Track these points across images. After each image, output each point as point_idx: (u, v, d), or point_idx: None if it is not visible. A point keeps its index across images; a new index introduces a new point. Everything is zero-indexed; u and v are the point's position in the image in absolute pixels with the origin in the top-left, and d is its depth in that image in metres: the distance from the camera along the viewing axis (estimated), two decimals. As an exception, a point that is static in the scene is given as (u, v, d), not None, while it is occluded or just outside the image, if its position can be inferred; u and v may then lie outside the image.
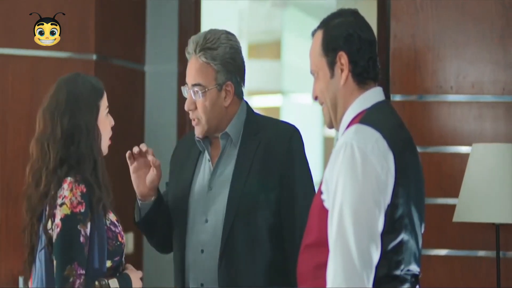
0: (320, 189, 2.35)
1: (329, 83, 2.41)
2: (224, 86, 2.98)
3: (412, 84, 4.16)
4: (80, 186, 2.66)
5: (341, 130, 2.41)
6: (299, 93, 11.58)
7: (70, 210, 2.64)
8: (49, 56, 4.39)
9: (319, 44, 2.43)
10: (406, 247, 2.30)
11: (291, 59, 11.25)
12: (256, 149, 2.96)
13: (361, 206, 2.22)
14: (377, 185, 2.23)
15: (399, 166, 2.27)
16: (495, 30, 4.08)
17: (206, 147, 3.05)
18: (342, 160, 2.26)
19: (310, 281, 2.34)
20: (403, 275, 2.30)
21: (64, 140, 2.72)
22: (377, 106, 2.39)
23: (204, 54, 2.96)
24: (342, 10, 2.47)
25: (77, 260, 2.61)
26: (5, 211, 4.30)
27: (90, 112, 2.75)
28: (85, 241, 2.64)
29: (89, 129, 2.73)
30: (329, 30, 2.42)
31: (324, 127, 11.21)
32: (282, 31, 11.69)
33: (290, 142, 2.97)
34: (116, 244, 2.73)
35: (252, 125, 3.01)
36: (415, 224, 2.33)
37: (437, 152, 4.11)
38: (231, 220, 2.92)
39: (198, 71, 2.98)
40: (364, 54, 2.39)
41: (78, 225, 2.63)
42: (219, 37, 2.99)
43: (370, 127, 2.29)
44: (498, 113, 4.07)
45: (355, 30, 2.39)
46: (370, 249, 2.20)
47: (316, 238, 2.32)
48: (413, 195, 2.32)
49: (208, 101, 2.97)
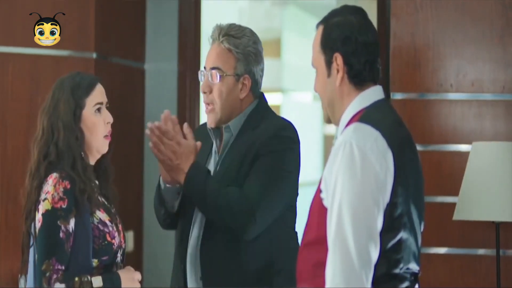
0: (319, 187, 2.34)
1: (326, 82, 2.41)
2: (242, 79, 2.99)
3: (412, 82, 4.16)
4: (64, 182, 2.67)
5: (340, 129, 2.40)
6: (299, 92, 11.59)
7: (51, 205, 2.65)
8: (49, 54, 4.39)
9: (319, 41, 2.42)
10: (405, 245, 2.30)
11: (291, 58, 11.25)
12: (246, 141, 2.96)
13: (360, 205, 2.22)
14: (376, 184, 2.23)
15: (398, 165, 2.27)
16: (494, 29, 4.08)
17: (216, 138, 3.05)
18: (341, 158, 2.25)
19: (309, 279, 2.34)
20: (402, 273, 2.30)
21: (45, 138, 2.75)
22: (376, 104, 2.39)
23: (228, 39, 2.98)
24: (345, 7, 2.45)
25: (55, 256, 2.62)
26: (4, 210, 4.30)
27: (69, 110, 2.74)
28: (66, 237, 2.64)
29: (67, 127, 2.73)
30: (328, 28, 2.40)
31: (324, 125, 11.21)
32: (282, 30, 11.69)
33: (278, 130, 2.96)
34: (103, 244, 2.71)
35: (254, 119, 3.01)
36: (415, 223, 2.33)
37: (437, 151, 4.11)
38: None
39: (219, 56, 2.99)
40: (360, 56, 2.37)
41: (58, 220, 2.64)
42: (244, 30, 3.02)
43: (369, 125, 2.28)
44: (498, 111, 4.07)
45: (352, 32, 2.37)
46: (369, 248, 2.20)
47: (315, 236, 2.32)
48: (412, 193, 2.32)
49: (225, 87, 2.98)
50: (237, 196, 2.86)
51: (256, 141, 2.93)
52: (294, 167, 2.99)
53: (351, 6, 2.45)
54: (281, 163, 2.93)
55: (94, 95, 2.80)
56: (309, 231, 2.37)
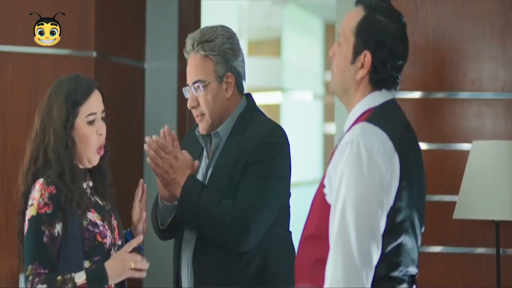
0: (323, 183, 2.34)
1: (347, 66, 2.39)
2: (225, 78, 2.98)
3: (412, 81, 4.16)
4: (50, 187, 2.67)
5: (346, 125, 2.40)
6: (299, 91, 11.59)
7: (36, 211, 2.65)
8: (48, 53, 4.39)
9: (356, 22, 2.38)
10: (405, 249, 2.30)
11: (291, 57, 11.26)
12: (236, 147, 2.95)
13: (364, 205, 2.21)
14: (381, 185, 2.23)
15: (403, 169, 2.27)
16: (494, 27, 4.08)
17: (206, 143, 3.05)
18: (347, 157, 2.25)
19: (309, 275, 2.34)
20: (401, 276, 2.30)
21: (37, 140, 2.74)
22: (385, 105, 2.38)
23: (202, 47, 2.97)
24: (390, 7, 2.42)
25: (38, 260, 2.62)
26: (4, 210, 4.30)
27: (61, 118, 2.71)
28: (50, 241, 2.63)
29: (57, 135, 2.71)
30: (369, 20, 2.37)
31: (324, 124, 11.22)
32: (282, 29, 11.69)
33: (267, 136, 2.95)
34: (94, 245, 2.70)
35: (242, 123, 3.01)
36: (416, 227, 2.33)
37: (437, 150, 4.11)
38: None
39: (197, 67, 2.99)
40: (387, 65, 2.36)
41: (42, 226, 2.64)
42: (216, 30, 3.01)
43: (377, 127, 2.28)
44: (498, 110, 4.07)
45: (389, 40, 2.35)
46: (371, 248, 2.20)
47: (316, 230, 2.32)
48: (415, 198, 2.32)
49: (210, 94, 2.97)
50: (230, 210, 2.86)
51: (245, 148, 2.93)
52: (285, 172, 2.99)
53: (395, 10, 2.42)
54: (272, 170, 2.93)
55: (88, 104, 2.75)
56: (310, 225, 2.36)
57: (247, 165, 2.90)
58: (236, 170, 2.91)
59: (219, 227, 2.87)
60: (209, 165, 3.01)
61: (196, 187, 2.89)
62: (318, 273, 2.28)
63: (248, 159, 2.90)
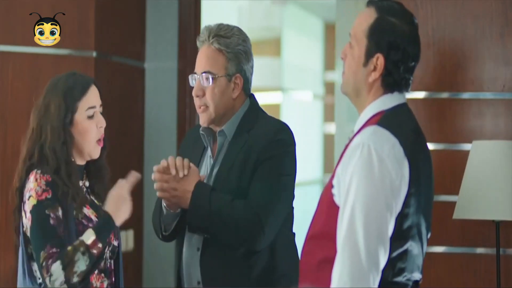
0: (331, 183, 2.33)
1: (359, 68, 2.38)
2: (233, 78, 2.99)
3: (412, 81, 4.15)
4: (45, 176, 2.67)
5: (357, 126, 2.39)
6: (299, 90, 11.59)
7: (36, 199, 2.66)
8: (49, 53, 4.39)
9: (368, 24, 2.36)
10: (411, 255, 2.30)
11: (291, 56, 11.25)
12: (243, 145, 2.95)
13: (373, 208, 2.21)
14: (390, 189, 2.22)
15: (413, 175, 2.26)
16: (494, 27, 4.08)
17: (209, 142, 3.05)
18: (357, 159, 2.24)
19: (314, 274, 2.33)
20: (404, 281, 2.30)
21: (34, 138, 2.75)
22: (397, 108, 2.37)
23: (218, 40, 2.98)
24: (404, 9, 2.40)
25: (49, 242, 2.62)
26: (4, 208, 4.30)
27: (59, 115, 2.72)
28: (57, 223, 2.64)
29: (55, 131, 2.72)
30: (381, 22, 2.36)
31: (324, 124, 11.22)
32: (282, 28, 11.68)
33: (275, 134, 2.96)
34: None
35: (247, 122, 3.01)
36: (422, 234, 2.33)
37: (438, 150, 4.11)
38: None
39: (209, 58, 2.99)
40: (402, 67, 2.35)
41: (46, 210, 2.65)
42: (232, 29, 3.02)
43: (388, 131, 2.27)
44: (498, 110, 4.06)
45: (403, 42, 2.34)
46: (379, 252, 2.19)
47: (322, 230, 2.32)
48: (423, 204, 2.32)
49: (218, 89, 2.98)
50: (243, 209, 2.87)
51: (253, 146, 2.93)
52: (293, 169, 3.00)
53: (407, 11, 2.40)
54: (281, 168, 2.94)
55: (87, 98, 2.77)
56: (316, 224, 2.36)
57: (257, 164, 2.91)
58: (245, 169, 2.92)
59: (233, 228, 2.87)
60: (214, 164, 3.01)
61: (206, 191, 2.89)
62: (323, 273, 2.27)
63: (257, 157, 2.91)
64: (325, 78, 11.18)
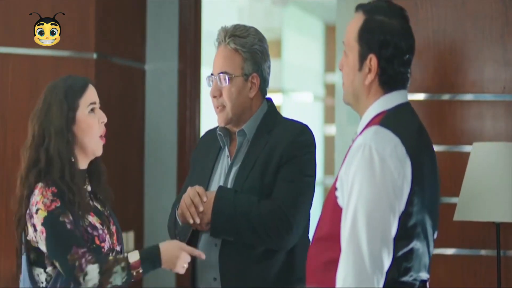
0: (335, 185, 2.33)
1: (356, 74, 2.38)
2: (250, 78, 3.00)
3: (412, 83, 4.13)
4: (50, 189, 2.68)
5: (360, 127, 2.39)
6: (300, 92, 11.58)
7: (46, 211, 2.66)
8: (49, 55, 4.39)
9: (357, 29, 2.37)
10: (417, 254, 2.29)
11: (291, 58, 11.24)
12: (265, 145, 2.96)
13: (376, 209, 2.21)
14: (393, 189, 2.22)
15: (415, 174, 2.26)
16: (494, 28, 4.08)
17: (227, 142, 3.05)
18: (359, 161, 2.24)
19: (319, 276, 2.33)
20: (411, 281, 2.29)
21: (35, 144, 2.74)
22: (399, 108, 2.37)
23: (234, 40, 2.98)
24: (391, 5, 2.40)
25: (74, 243, 2.63)
26: (5, 209, 4.30)
27: (62, 114, 2.74)
28: (74, 226, 2.65)
29: (58, 132, 2.72)
30: (370, 23, 2.36)
31: (325, 126, 11.21)
32: (282, 29, 11.68)
33: (297, 135, 2.98)
34: (92, 247, 2.70)
35: (268, 122, 3.02)
36: (428, 232, 2.32)
37: (438, 151, 4.09)
38: None
39: (226, 59, 2.99)
40: (395, 63, 2.35)
41: (60, 217, 2.65)
42: (249, 29, 3.03)
43: (390, 131, 2.27)
44: (499, 112, 4.06)
45: (393, 37, 2.34)
46: (382, 253, 2.19)
47: (328, 232, 2.32)
48: (428, 203, 2.31)
49: (234, 88, 2.99)
50: (270, 209, 2.88)
51: (276, 147, 2.94)
52: (314, 171, 3.02)
53: (396, 5, 2.40)
54: (305, 169, 2.96)
55: (87, 95, 2.79)
56: (321, 227, 2.36)
57: (280, 164, 2.92)
58: (267, 169, 2.93)
59: (261, 228, 2.87)
60: (232, 164, 3.01)
61: (229, 194, 2.90)
62: (329, 274, 2.28)
63: (280, 158, 2.93)
64: (326, 80, 11.17)
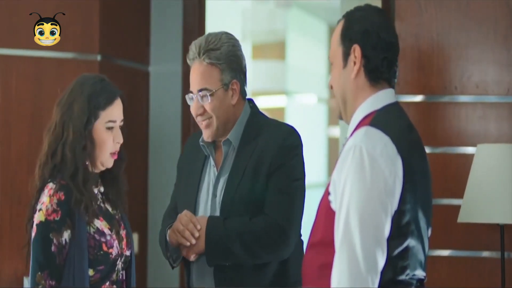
0: (328, 190, 2.34)
1: (341, 73, 2.41)
2: (230, 85, 2.98)
3: (416, 84, 4.16)
4: (58, 194, 2.65)
5: (349, 130, 2.40)
6: (304, 94, 11.59)
7: (45, 217, 2.63)
8: (53, 56, 4.40)
9: (339, 34, 2.43)
10: (412, 252, 2.29)
11: (295, 60, 11.25)
12: (252, 153, 2.95)
13: (368, 210, 2.21)
14: (384, 189, 2.23)
15: (407, 172, 2.26)
16: (499, 30, 4.08)
17: (211, 152, 3.04)
18: (350, 162, 2.25)
19: (315, 281, 2.34)
20: (408, 280, 2.29)
21: (56, 133, 2.71)
22: (388, 108, 2.38)
23: (208, 55, 2.96)
24: (368, 5, 2.46)
25: (47, 269, 2.61)
26: (8, 210, 4.30)
27: (82, 116, 2.69)
28: (58, 250, 2.62)
29: (76, 132, 2.68)
30: (349, 21, 2.41)
31: (328, 128, 11.21)
32: (286, 32, 11.69)
33: (284, 139, 2.96)
34: (99, 254, 2.68)
35: (252, 128, 3.01)
36: (422, 230, 2.32)
37: (442, 153, 4.10)
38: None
39: (203, 75, 2.98)
40: (379, 52, 2.37)
41: (51, 233, 2.62)
42: (220, 37, 2.99)
43: (380, 130, 2.28)
44: (503, 113, 4.06)
45: (373, 27, 2.37)
46: (376, 253, 2.19)
47: (322, 237, 2.32)
48: (420, 200, 2.32)
49: (216, 100, 2.97)
50: (265, 223, 2.88)
51: (263, 154, 2.93)
52: (303, 172, 3.02)
53: (374, 6, 2.47)
54: (294, 173, 2.96)
55: (110, 110, 2.75)
56: (315, 232, 2.37)
57: (270, 172, 2.91)
58: (258, 174, 2.92)
59: (257, 246, 2.87)
60: (220, 173, 3.00)
61: (218, 223, 2.90)
62: (324, 278, 2.28)
63: (269, 165, 2.92)
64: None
